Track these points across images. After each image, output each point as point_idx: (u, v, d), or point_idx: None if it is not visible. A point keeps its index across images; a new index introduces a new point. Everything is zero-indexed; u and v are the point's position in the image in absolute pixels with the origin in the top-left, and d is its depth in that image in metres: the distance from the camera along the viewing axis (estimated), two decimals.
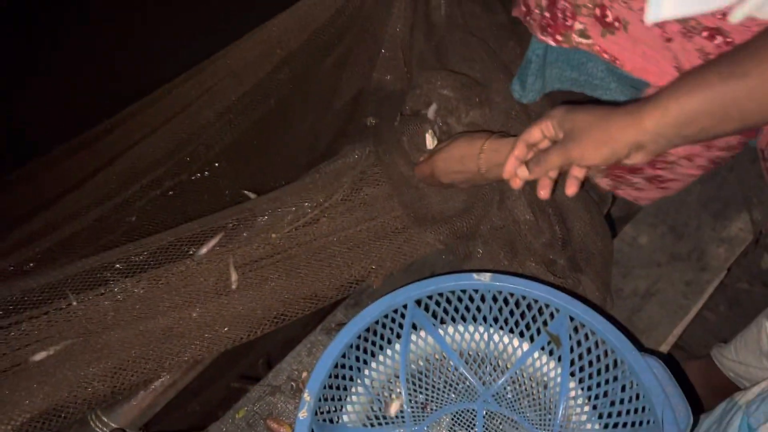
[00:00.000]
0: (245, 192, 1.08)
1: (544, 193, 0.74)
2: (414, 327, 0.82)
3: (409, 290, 0.77)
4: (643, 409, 0.68)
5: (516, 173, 0.75)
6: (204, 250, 0.92)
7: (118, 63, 1.36)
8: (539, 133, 0.73)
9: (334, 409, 0.75)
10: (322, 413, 0.72)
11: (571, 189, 0.72)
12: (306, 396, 0.69)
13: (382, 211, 0.96)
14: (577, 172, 0.72)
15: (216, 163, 1.11)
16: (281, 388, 0.92)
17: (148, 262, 0.90)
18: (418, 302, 0.79)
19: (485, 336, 0.84)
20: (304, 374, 0.92)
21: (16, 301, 0.85)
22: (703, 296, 1.01)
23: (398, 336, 0.82)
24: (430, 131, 0.97)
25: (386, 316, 0.77)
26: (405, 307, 0.78)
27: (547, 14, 0.79)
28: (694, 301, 1.00)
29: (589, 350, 0.76)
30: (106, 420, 0.86)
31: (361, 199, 0.97)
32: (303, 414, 0.68)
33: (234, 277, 0.89)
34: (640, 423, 0.69)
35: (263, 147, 1.14)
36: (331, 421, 0.74)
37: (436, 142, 0.98)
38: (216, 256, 0.91)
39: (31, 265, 0.94)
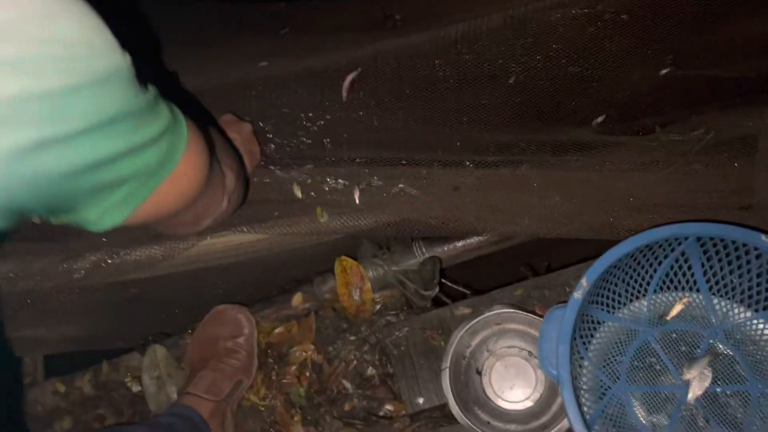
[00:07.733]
0: None
1: None
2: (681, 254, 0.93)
3: (698, 227, 0.87)
4: None
5: None
6: None
7: None
8: None
9: (597, 296, 0.93)
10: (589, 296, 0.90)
11: None
12: (584, 281, 0.86)
13: None
14: None
15: None
16: (556, 286, 1.10)
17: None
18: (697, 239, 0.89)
19: (740, 281, 0.94)
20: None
21: None
22: None
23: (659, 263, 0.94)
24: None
25: (666, 241, 0.89)
26: (686, 238, 0.89)
27: None
28: None
29: None
30: (424, 250, 1.13)
31: None
32: (578, 294, 0.85)
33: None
34: None
35: None
36: (590, 303, 0.92)
37: None
38: None
39: None
